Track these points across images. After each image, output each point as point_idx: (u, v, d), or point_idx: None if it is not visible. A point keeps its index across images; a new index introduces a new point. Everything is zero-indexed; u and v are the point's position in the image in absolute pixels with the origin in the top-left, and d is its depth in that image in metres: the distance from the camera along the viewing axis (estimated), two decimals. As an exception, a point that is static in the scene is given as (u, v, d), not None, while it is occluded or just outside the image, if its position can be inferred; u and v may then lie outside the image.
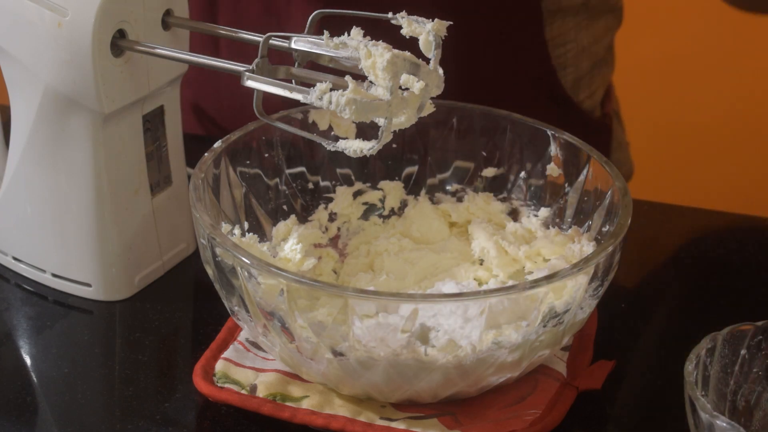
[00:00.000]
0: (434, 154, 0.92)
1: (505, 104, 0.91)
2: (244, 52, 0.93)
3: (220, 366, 0.81)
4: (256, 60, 0.78)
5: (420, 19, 0.76)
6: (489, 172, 0.91)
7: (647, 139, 1.40)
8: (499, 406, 0.78)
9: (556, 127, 0.88)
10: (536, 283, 0.72)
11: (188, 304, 0.91)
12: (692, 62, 2.14)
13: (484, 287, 0.84)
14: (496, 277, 0.85)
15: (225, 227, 0.82)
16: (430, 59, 0.76)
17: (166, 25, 0.87)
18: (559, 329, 0.75)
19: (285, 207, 0.89)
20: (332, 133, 0.86)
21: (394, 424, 0.76)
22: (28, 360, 0.84)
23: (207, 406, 0.79)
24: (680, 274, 0.96)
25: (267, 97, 0.77)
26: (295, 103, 0.78)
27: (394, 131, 0.76)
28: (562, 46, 1.16)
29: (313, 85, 0.74)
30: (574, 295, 0.74)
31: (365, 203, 0.92)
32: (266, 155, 0.88)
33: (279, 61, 0.81)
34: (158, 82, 0.87)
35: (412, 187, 0.92)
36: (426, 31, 0.76)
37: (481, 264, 0.87)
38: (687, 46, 2.15)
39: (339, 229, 0.91)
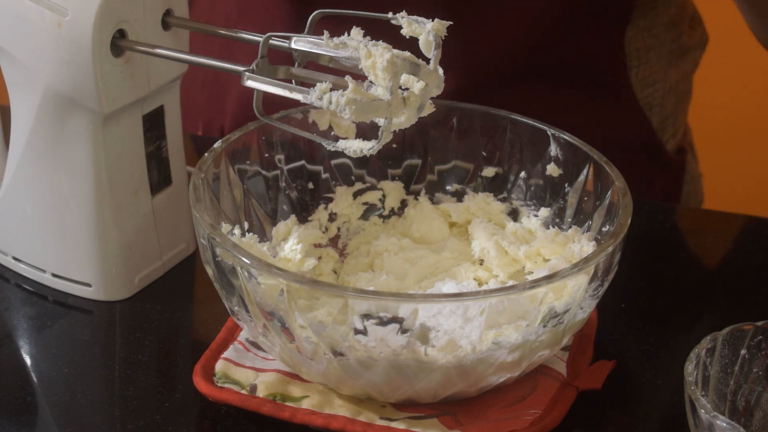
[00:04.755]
0: (434, 154, 0.92)
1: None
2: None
3: (220, 366, 0.81)
4: (256, 60, 0.78)
5: (420, 19, 0.76)
6: (489, 172, 0.91)
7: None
8: (499, 406, 0.78)
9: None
10: (536, 283, 0.72)
11: (188, 304, 0.91)
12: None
13: (484, 287, 0.84)
14: (496, 277, 0.85)
15: (225, 227, 0.82)
16: (430, 59, 0.76)
17: (166, 25, 0.87)
18: (559, 329, 0.75)
19: (285, 207, 0.89)
20: (332, 133, 0.86)
21: (394, 424, 0.76)
22: (28, 360, 0.84)
23: (207, 406, 0.79)
24: (680, 274, 0.96)
25: (267, 97, 0.77)
26: (295, 103, 0.78)
27: (394, 131, 0.76)
28: (651, 86, 1.14)
29: (313, 85, 0.74)
30: (574, 295, 0.74)
31: (365, 203, 0.92)
32: (266, 155, 0.88)
33: (279, 61, 0.81)
34: (158, 82, 0.87)
35: (412, 187, 0.92)
36: (426, 31, 0.76)
37: (481, 264, 0.87)
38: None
39: (339, 229, 0.91)
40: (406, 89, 0.77)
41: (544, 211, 0.88)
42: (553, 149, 0.87)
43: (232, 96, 1.17)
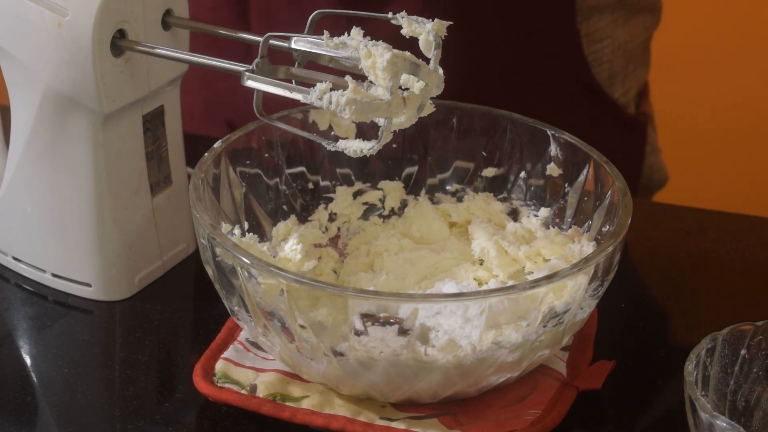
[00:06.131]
0: (434, 154, 0.92)
1: (542, 100, 0.90)
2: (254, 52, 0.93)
3: (220, 366, 0.81)
4: (256, 60, 0.78)
5: (420, 19, 0.76)
6: (489, 172, 0.91)
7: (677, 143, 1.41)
8: (499, 406, 0.78)
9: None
10: (536, 283, 0.72)
11: (188, 304, 0.91)
12: (685, 58, 2.14)
13: (484, 287, 0.84)
14: (496, 277, 0.85)
15: (225, 227, 0.82)
16: (430, 59, 0.76)
17: (166, 25, 0.87)
18: (559, 329, 0.75)
19: (285, 207, 0.89)
20: (332, 133, 0.86)
21: (394, 424, 0.76)
22: (28, 360, 0.84)
23: (207, 406, 0.79)
24: (680, 274, 0.96)
25: (267, 97, 0.77)
26: (295, 103, 0.78)
27: (394, 131, 0.76)
28: (598, 42, 1.16)
29: (313, 85, 0.74)
30: (574, 295, 0.74)
31: (365, 203, 0.92)
32: (266, 155, 0.88)
33: (279, 61, 0.81)
34: (158, 82, 0.87)
35: (412, 187, 0.92)
36: (426, 31, 0.76)
37: (481, 264, 0.87)
38: (681, 39, 2.14)
39: (339, 229, 0.91)
40: (406, 89, 0.77)
41: (544, 211, 0.88)
42: (553, 149, 0.87)
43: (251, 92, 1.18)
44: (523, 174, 0.90)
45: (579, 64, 1.16)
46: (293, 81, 0.80)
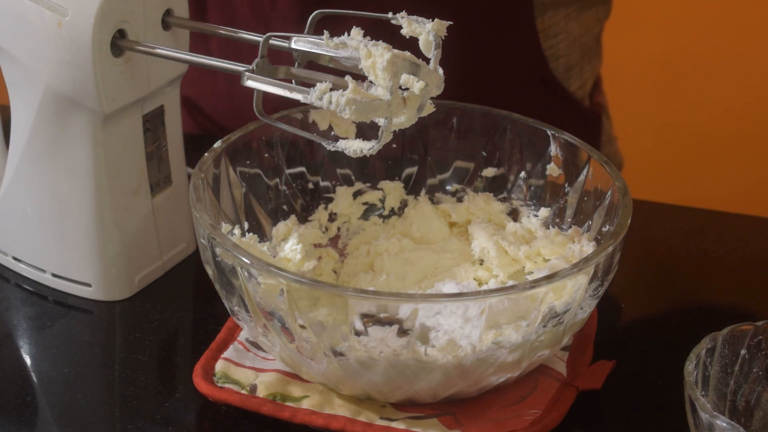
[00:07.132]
0: (434, 154, 0.92)
1: (500, 97, 0.90)
2: (237, 51, 0.93)
3: (220, 366, 0.81)
4: (256, 60, 0.78)
5: (420, 19, 0.76)
6: (489, 172, 0.91)
7: (636, 136, 1.41)
8: (499, 406, 0.78)
9: (553, 123, 0.88)
10: (536, 283, 0.72)
11: (188, 304, 0.91)
12: (683, 59, 2.14)
13: (484, 287, 0.84)
14: (496, 277, 0.85)
15: (225, 227, 0.82)
16: (430, 59, 0.76)
17: (166, 25, 0.87)
18: (559, 329, 0.75)
19: (285, 207, 0.89)
20: (332, 133, 0.86)
21: (394, 424, 0.76)
22: (28, 360, 0.84)
23: (207, 406, 0.79)
24: (680, 274, 0.96)
25: (267, 97, 0.77)
26: (295, 103, 0.78)
27: (394, 131, 0.76)
28: (553, 37, 1.17)
29: (313, 85, 0.74)
30: (574, 295, 0.74)
31: (365, 203, 0.92)
32: (266, 155, 0.88)
33: (279, 61, 0.81)
34: (158, 82, 0.87)
35: (412, 187, 0.92)
36: (426, 31, 0.76)
37: (481, 264, 0.87)
38: (678, 42, 2.15)
39: (339, 229, 0.91)
40: (406, 89, 0.77)
41: (544, 211, 0.88)
42: (553, 149, 0.87)
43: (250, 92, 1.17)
44: (523, 174, 0.90)
45: (538, 60, 1.16)
46: (293, 81, 0.80)
